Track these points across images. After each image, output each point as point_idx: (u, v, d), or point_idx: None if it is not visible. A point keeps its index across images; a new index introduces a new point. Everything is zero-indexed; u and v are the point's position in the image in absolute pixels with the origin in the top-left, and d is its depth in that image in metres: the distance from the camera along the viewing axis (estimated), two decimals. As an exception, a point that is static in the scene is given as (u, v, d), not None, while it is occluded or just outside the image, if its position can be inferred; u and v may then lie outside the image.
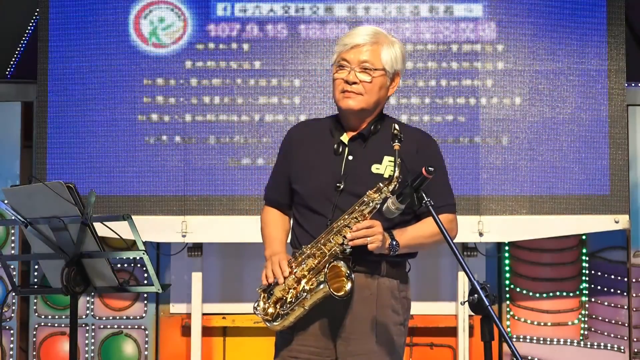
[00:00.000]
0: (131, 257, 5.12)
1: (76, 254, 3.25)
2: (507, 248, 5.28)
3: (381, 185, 2.83)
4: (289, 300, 2.84)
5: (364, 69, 2.93)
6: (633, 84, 5.26)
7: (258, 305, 2.90)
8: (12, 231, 5.23)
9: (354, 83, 2.92)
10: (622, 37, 5.04)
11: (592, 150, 5.01)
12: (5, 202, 3.30)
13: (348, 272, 2.79)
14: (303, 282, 2.83)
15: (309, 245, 2.86)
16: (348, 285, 2.78)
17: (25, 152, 5.30)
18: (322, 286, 2.80)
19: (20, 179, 5.25)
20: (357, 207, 2.84)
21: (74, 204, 3.18)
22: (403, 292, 3.01)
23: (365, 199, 2.83)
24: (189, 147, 4.97)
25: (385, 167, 2.93)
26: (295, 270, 2.86)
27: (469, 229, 4.93)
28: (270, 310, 2.87)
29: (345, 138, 2.97)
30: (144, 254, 3.27)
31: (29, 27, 5.47)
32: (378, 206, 2.82)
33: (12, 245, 5.24)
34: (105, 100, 5.00)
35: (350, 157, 2.95)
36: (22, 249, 5.22)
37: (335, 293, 2.77)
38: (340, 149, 2.96)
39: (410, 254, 3.02)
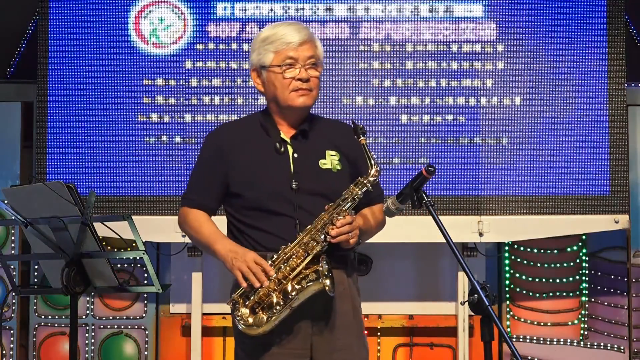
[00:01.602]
0: (131, 257, 5.12)
1: (76, 254, 3.25)
2: (507, 248, 5.28)
3: (361, 179, 2.86)
4: (275, 302, 2.79)
5: (312, 65, 2.94)
6: (633, 84, 5.27)
7: (238, 312, 2.82)
8: (12, 231, 5.24)
9: (307, 80, 2.93)
10: (622, 37, 5.04)
11: (592, 150, 5.01)
12: (5, 202, 3.31)
13: (328, 270, 2.79)
14: (289, 283, 2.80)
15: (290, 245, 2.83)
16: (328, 281, 2.78)
17: (25, 152, 5.30)
18: (312, 284, 2.79)
19: (20, 179, 5.25)
20: (339, 203, 2.84)
21: (74, 204, 3.19)
22: (357, 284, 3.02)
23: (346, 195, 2.84)
24: (189, 147, 4.97)
25: (330, 161, 2.96)
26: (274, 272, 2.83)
27: (469, 229, 4.93)
28: (252, 318, 2.81)
29: (285, 136, 2.97)
30: (144, 254, 3.27)
31: (29, 27, 5.47)
32: (357, 200, 2.84)
33: (12, 245, 5.25)
34: (105, 100, 5.00)
35: (296, 155, 2.94)
36: (22, 249, 5.22)
37: (327, 290, 2.77)
38: (282, 148, 2.94)
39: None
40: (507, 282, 5.28)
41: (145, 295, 5.27)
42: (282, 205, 2.89)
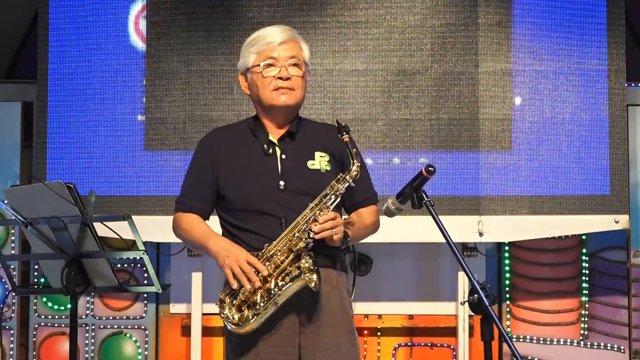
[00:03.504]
0: (131, 257, 5.12)
1: (76, 254, 3.25)
2: (507, 248, 5.28)
3: (342, 174, 2.87)
4: (259, 300, 2.81)
5: (293, 64, 2.96)
6: (633, 84, 5.26)
7: (224, 311, 2.84)
8: (12, 231, 5.24)
9: (288, 79, 2.94)
10: (622, 37, 5.04)
11: (592, 150, 5.01)
12: (5, 202, 3.31)
13: (313, 265, 2.80)
14: (272, 279, 2.81)
15: (273, 243, 2.85)
16: (314, 277, 2.78)
17: (25, 152, 5.30)
18: (295, 280, 2.80)
19: (20, 179, 5.25)
20: (321, 200, 2.85)
21: (74, 204, 3.18)
22: (348, 285, 3.03)
23: (328, 191, 2.86)
24: (189, 147, 4.97)
25: (319, 162, 2.98)
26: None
27: (469, 229, 4.93)
28: (237, 315, 2.83)
29: (273, 138, 2.99)
30: (144, 254, 3.27)
31: (29, 27, 5.47)
32: (340, 196, 2.86)
33: (12, 245, 5.25)
34: (105, 100, 5.00)
35: (284, 156, 2.97)
36: (22, 249, 5.22)
37: (310, 285, 2.77)
38: (270, 150, 2.97)
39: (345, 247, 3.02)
40: (507, 282, 5.28)
41: (145, 295, 5.27)
42: (269, 205, 2.91)
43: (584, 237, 5.27)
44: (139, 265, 5.22)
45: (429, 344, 5.30)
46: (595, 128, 5.02)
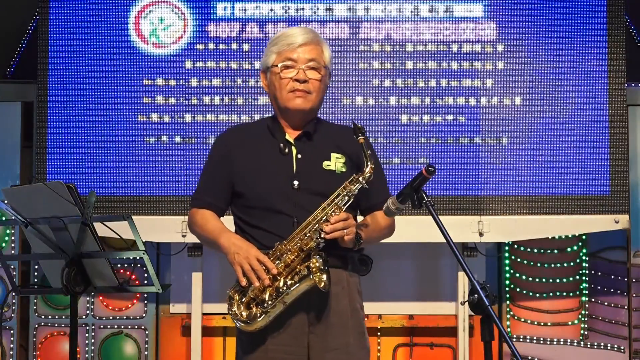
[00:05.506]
0: (131, 257, 5.12)
1: (76, 254, 3.25)
2: (507, 248, 5.28)
3: (355, 176, 2.87)
4: (268, 298, 2.81)
5: (312, 68, 2.95)
6: (633, 84, 5.27)
7: (232, 308, 2.85)
8: (12, 231, 5.24)
9: (305, 81, 2.94)
10: (622, 37, 5.04)
11: (592, 150, 5.01)
12: (5, 202, 3.30)
13: (324, 265, 2.79)
14: (282, 278, 2.81)
15: (284, 242, 2.85)
16: (324, 277, 2.78)
17: (25, 152, 5.31)
18: (304, 280, 2.80)
19: (20, 179, 5.25)
20: (333, 200, 2.85)
21: (74, 204, 3.18)
22: (360, 286, 3.02)
23: (341, 192, 2.85)
24: (189, 147, 4.97)
25: (335, 163, 2.97)
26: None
27: (469, 229, 4.93)
28: (245, 312, 2.83)
29: (290, 138, 2.99)
30: (144, 254, 3.27)
31: (29, 27, 5.47)
32: (353, 197, 2.86)
33: (12, 245, 5.25)
34: (105, 100, 5.01)
35: (300, 156, 2.96)
36: (22, 249, 5.22)
37: (319, 285, 2.77)
38: (287, 149, 2.97)
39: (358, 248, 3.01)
40: (507, 282, 5.28)
41: (145, 295, 5.27)
42: (282, 203, 2.91)
43: (584, 237, 5.27)
44: (139, 265, 5.22)
45: (429, 344, 5.30)
46: (595, 128, 5.02)
